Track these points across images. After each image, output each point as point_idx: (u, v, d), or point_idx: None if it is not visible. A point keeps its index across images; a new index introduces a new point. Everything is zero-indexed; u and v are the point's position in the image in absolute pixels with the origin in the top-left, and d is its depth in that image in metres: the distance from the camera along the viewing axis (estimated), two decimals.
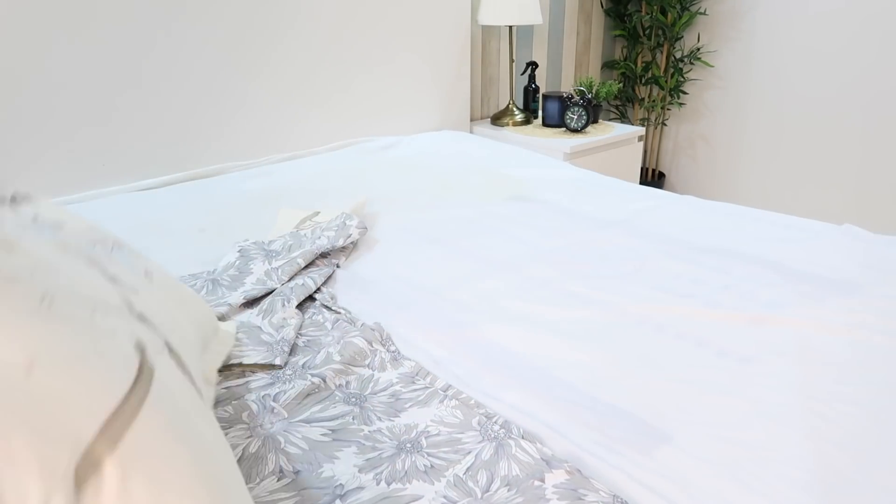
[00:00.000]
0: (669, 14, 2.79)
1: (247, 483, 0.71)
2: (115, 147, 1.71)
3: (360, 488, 0.70)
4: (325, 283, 1.19)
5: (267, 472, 0.73)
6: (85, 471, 0.41)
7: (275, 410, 0.83)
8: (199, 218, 1.51)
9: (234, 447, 0.76)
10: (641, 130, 2.53)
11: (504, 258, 1.28)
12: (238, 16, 1.83)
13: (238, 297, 1.08)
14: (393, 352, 0.96)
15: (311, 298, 1.13)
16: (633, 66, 2.99)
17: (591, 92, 2.47)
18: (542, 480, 0.71)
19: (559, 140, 2.33)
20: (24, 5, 1.50)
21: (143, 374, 0.49)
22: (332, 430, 0.79)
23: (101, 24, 1.61)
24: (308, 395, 0.86)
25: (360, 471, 0.73)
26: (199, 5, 1.75)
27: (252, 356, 0.94)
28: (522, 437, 0.77)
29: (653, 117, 3.03)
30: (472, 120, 2.67)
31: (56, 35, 1.56)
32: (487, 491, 0.70)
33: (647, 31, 2.90)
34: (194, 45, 1.78)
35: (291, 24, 1.94)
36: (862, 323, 1.02)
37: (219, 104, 1.87)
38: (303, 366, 0.93)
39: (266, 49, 1.91)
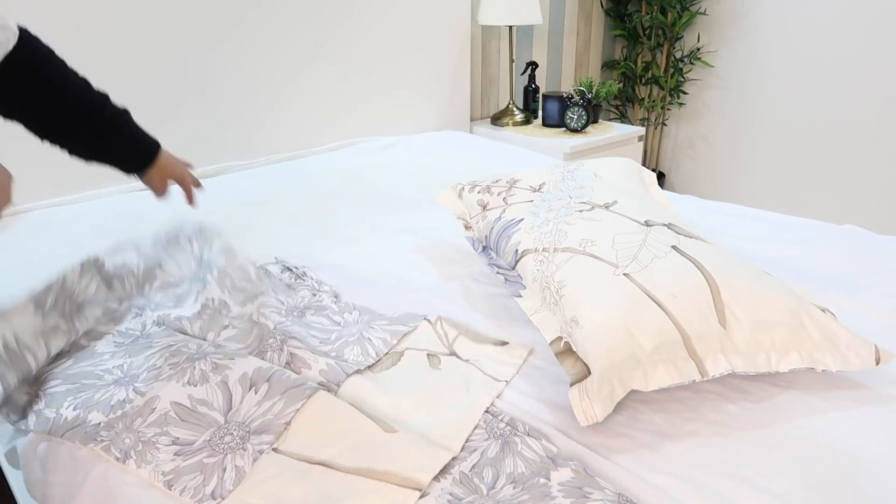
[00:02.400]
0: (669, 14, 2.79)
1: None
2: None
3: None
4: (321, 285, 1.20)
5: None
6: None
7: None
8: (199, 218, 1.51)
9: None
10: (641, 130, 2.53)
11: None
12: (237, 16, 1.83)
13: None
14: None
15: (314, 296, 1.13)
16: (633, 66, 2.99)
17: (591, 92, 2.47)
18: (548, 478, 0.71)
19: (559, 140, 2.33)
20: (24, 6, 1.50)
21: None
22: None
23: (99, 25, 1.61)
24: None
25: None
26: (197, 6, 1.75)
27: None
28: (528, 435, 0.77)
29: (653, 117, 3.03)
30: (472, 120, 2.67)
31: (55, 36, 1.56)
32: (493, 488, 0.70)
33: (647, 31, 2.91)
34: (193, 46, 1.78)
35: (291, 24, 1.94)
36: (862, 323, 1.02)
37: (218, 104, 1.87)
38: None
39: (266, 49, 1.91)
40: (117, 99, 1.68)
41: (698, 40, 2.89)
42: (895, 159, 2.47)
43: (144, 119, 1.73)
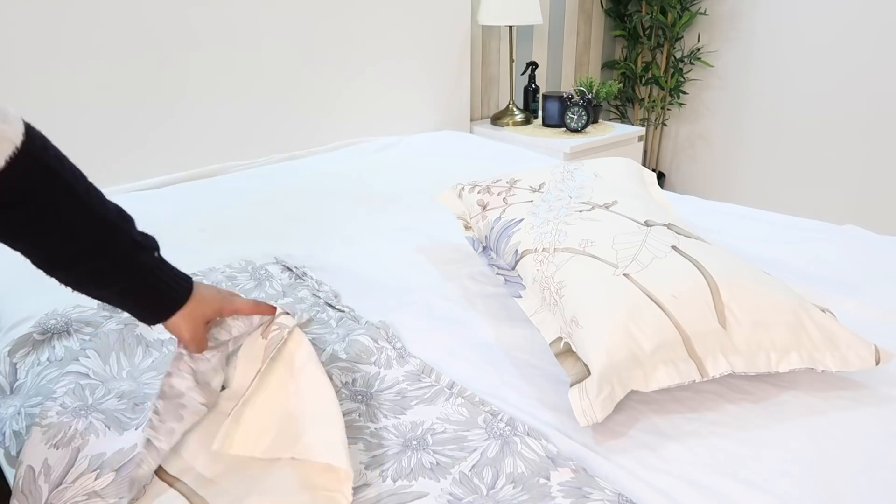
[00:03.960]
0: (669, 14, 2.79)
1: None
2: (115, 147, 1.71)
3: (367, 485, 0.71)
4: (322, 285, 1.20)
5: None
6: None
7: None
8: (199, 218, 1.51)
9: None
10: (641, 130, 2.53)
11: None
12: (238, 16, 1.83)
13: None
14: (399, 349, 0.96)
15: (314, 296, 1.13)
16: (633, 67, 2.99)
17: (591, 92, 2.47)
18: (548, 478, 0.71)
19: (559, 140, 2.33)
20: (27, 6, 1.50)
21: None
22: None
23: (101, 25, 1.61)
24: None
25: (366, 468, 0.73)
26: (198, 6, 1.75)
27: None
28: (528, 435, 0.77)
29: (653, 117, 3.03)
30: (472, 120, 2.67)
31: (56, 35, 1.56)
32: (493, 488, 0.70)
33: (647, 32, 2.90)
34: (194, 46, 1.78)
35: (291, 24, 1.94)
36: (862, 323, 1.02)
37: (219, 104, 1.87)
38: None
39: (266, 49, 1.91)
40: (117, 98, 1.69)
41: (698, 40, 2.89)
42: (894, 159, 2.47)
43: (144, 119, 1.73)
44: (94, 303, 1.07)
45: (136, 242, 0.72)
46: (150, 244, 0.75)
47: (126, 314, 1.00)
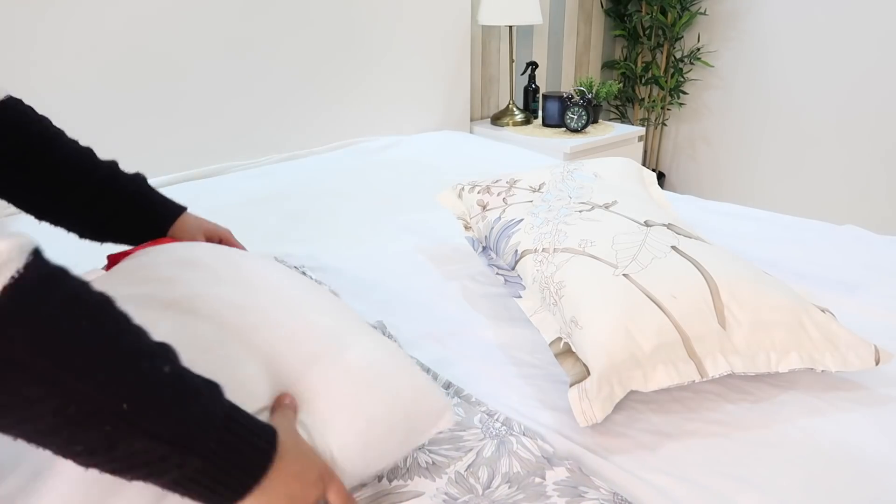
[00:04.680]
0: (669, 14, 2.79)
1: None
2: (115, 147, 1.71)
3: (362, 485, 0.70)
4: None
5: None
6: None
7: None
8: None
9: None
10: (641, 130, 2.53)
11: None
12: (238, 16, 1.83)
13: None
14: None
15: None
16: (633, 67, 2.99)
17: (591, 92, 2.47)
18: (543, 478, 0.71)
19: (559, 140, 2.33)
20: (27, 7, 1.50)
21: None
22: None
23: (98, 24, 1.61)
24: None
25: None
26: (198, 5, 1.75)
27: None
28: (524, 434, 0.77)
29: (653, 117, 3.03)
30: (472, 120, 2.67)
31: (56, 36, 1.56)
32: (488, 488, 0.70)
33: (647, 31, 2.90)
34: (193, 46, 1.77)
35: (291, 24, 1.94)
36: (862, 323, 1.02)
37: (219, 104, 1.86)
38: None
39: (266, 49, 1.91)
40: (117, 98, 1.68)
41: (698, 40, 2.89)
42: (895, 159, 2.47)
43: (143, 119, 1.73)
44: None
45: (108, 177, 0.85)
46: (124, 174, 0.86)
47: None
